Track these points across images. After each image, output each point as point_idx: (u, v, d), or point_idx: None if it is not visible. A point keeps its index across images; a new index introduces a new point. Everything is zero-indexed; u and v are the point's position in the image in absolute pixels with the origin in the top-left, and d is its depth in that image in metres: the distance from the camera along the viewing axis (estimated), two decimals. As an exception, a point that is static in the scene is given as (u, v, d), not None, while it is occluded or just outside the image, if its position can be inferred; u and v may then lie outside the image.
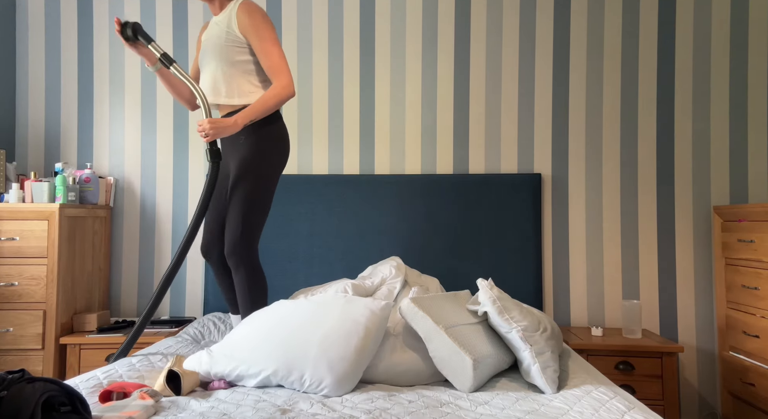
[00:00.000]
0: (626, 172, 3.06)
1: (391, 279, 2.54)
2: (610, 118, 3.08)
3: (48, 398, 1.36)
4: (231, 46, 2.19)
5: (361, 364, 1.87)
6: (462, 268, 2.98)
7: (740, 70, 3.03)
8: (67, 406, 1.40)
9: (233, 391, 1.82)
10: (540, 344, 1.94)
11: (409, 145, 3.14)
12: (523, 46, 3.12)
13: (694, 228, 3.02)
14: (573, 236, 3.07)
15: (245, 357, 1.87)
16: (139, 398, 1.64)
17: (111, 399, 1.68)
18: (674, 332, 3.01)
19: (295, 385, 1.83)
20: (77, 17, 3.27)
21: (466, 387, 1.87)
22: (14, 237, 2.71)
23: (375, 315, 1.97)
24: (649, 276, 3.03)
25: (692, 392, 2.98)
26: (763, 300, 2.55)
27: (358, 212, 3.03)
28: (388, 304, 2.03)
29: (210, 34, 2.26)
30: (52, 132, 3.26)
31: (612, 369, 2.65)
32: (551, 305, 3.06)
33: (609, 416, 1.58)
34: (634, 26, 3.08)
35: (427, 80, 3.14)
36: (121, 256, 3.20)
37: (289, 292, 3.02)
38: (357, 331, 1.90)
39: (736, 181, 3.01)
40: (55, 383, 1.40)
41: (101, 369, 2.03)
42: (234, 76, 2.21)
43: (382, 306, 2.01)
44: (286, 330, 1.91)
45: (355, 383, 1.85)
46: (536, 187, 2.99)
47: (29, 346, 2.70)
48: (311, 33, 3.20)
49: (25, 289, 2.71)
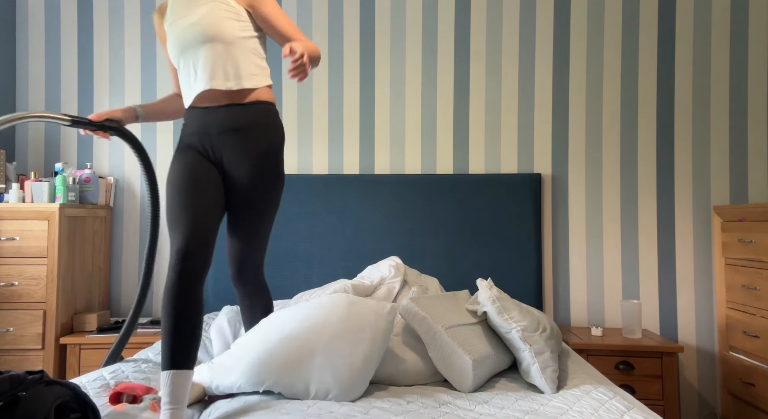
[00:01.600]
0: (626, 172, 3.06)
1: (391, 279, 2.54)
2: (610, 118, 3.08)
3: (60, 403, 1.36)
4: (230, 21, 1.81)
5: (369, 371, 1.80)
6: (462, 268, 2.98)
7: (740, 69, 3.03)
8: (77, 413, 1.40)
9: (230, 401, 1.79)
10: (539, 344, 1.94)
11: (409, 145, 3.14)
12: (523, 46, 3.12)
13: (694, 228, 3.02)
14: (573, 236, 3.07)
15: (246, 370, 1.79)
16: (150, 409, 1.63)
17: (120, 400, 1.67)
18: (674, 332, 3.01)
19: (300, 396, 1.75)
20: (77, 16, 3.27)
21: (466, 387, 1.87)
22: (14, 237, 2.71)
23: (381, 318, 1.89)
24: (649, 276, 3.02)
25: (692, 392, 2.98)
26: (763, 300, 2.55)
27: (358, 212, 3.03)
28: (394, 307, 1.95)
29: (188, 13, 1.83)
30: (52, 132, 3.26)
31: (612, 369, 2.65)
32: (551, 305, 3.06)
33: (608, 416, 1.58)
34: (634, 26, 3.07)
35: (427, 80, 3.14)
36: (121, 256, 3.20)
37: (290, 292, 3.02)
38: (363, 337, 1.82)
39: (736, 181, 3.01)
40: (70, 388, 1.41)
41: (107, 369, 2.03)
42: (238, 56, 1.82)
43: (388, 310, 1.93)
44: (289, 339, 1.83)
45: (362, 391, 1.78)
46: (536, 187, 2.99)
47: (29, 346, 2.70)
48: (311, 33, 3.20)
49: (25, 289, 2.71)
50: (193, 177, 1.76)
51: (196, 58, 1.81)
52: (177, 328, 1.56)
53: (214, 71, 1.79)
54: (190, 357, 1.57)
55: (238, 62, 1.81)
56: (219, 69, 1.80)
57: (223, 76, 1.80)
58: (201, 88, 1.79)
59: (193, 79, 1.82)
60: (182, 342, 1.56)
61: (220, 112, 1.81)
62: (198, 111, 1.84)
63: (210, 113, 1.82)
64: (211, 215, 1.73)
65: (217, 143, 1.82)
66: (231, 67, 1.81)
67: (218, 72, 1.80)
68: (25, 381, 1.34)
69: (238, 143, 1.81)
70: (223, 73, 1.80)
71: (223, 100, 1.82)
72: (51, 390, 1.36)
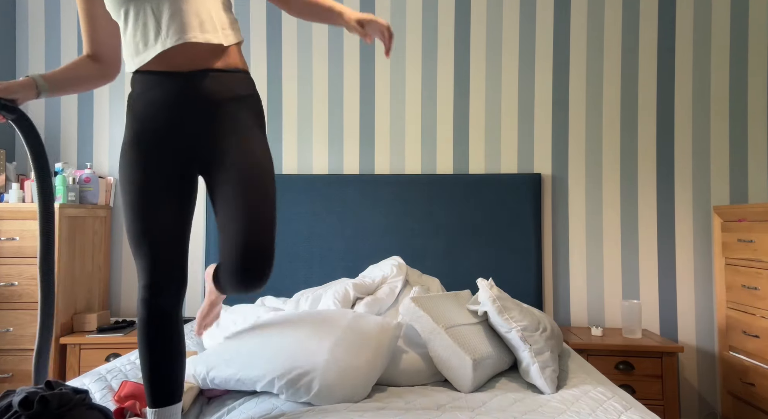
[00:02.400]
0: (626, 172, 3.06)
1: (393, 278, 2.54)
2: (610, 118, 3.08)
3: None
4: None
5: (372, 377, 1.80)
6: (461, 268, 2.98)
7: (740, 70, 3.03)
8: None
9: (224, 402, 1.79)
10: (539, 344, 1.94)
11: (409, 145, 3.14)
12: (523, 46, 3.12)
13: (694, 228, 3.02)
14: (573, 236, 3.07)
15: (247, 362, 1.77)
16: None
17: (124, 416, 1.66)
18: (674, 332, 3.00)
19: (301, 392, 1.70)
20: (77, 17, 3.27)
21: (466, 387, 1.87)
22: (14, 237, 2.71)
23: (386, 332, 1.91)
24: (649, 276, 3.02)
25: (692, 392, 2.98)
26: (763, 300, 2.55)
27: (358, 212, 3.03)
28: (400, 324, 1.97)
29: None
30: (52, 132, 3.26)
31: (612, 369, 2.65)
32: (551, 305, 3.06)
33: (605, 416, 1.58)
34: (634, 26, 3.07)
35: (427, 80, 3.14)
36: (121, 256, 3.21)
37: (290, 292, 3.01)
38: (368, 345, 1.84)
39: (736, 181, 3.01)
40: (106, 415, 1.41)
41: (106, 368, 2.03)
42: (215, 6, 1.48)
43: (395, 326, 1.95)
44: (292, 336, 1.84)
45: (365, 393, 1.77)
46: (536, 187, 2.99)
47: (29, 346, 2.70)
48: (311, 33, 3.20)
49: (25, 289, 2.71)
50: (152, 190, 1.43)
51: (157, 4, 1.40)
52: (155, 366, 1.42)
53: (206, 21, 1.43)
54: (175, 392, 1.44)
55: (210, 10, 1.45)
56: (213, 18, 1.45)
57: (198, 27, 1.42)
58: (171, 43, 1.40)
59: (153, 33, 1.41)
60: (163, 379, 1.42)
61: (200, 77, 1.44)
62: (161, 77, 1.44)
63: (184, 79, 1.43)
64: (179, 237, 1.46)
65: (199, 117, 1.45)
66: (207, 16, 1.44)
67: (215, 22, 1.45)
68: (71, 402, 1.33)
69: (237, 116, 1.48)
70: (199, 24, 1.42)
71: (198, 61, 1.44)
72: (92, 414, 1.36)
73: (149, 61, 1.43)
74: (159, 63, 1.43)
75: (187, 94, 1.43)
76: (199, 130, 1.46)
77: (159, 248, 1.42)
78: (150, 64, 1.43)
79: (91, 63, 1.60)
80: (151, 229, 1.42)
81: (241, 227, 1.40)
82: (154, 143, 1.45)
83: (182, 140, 1.45)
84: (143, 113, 1.45)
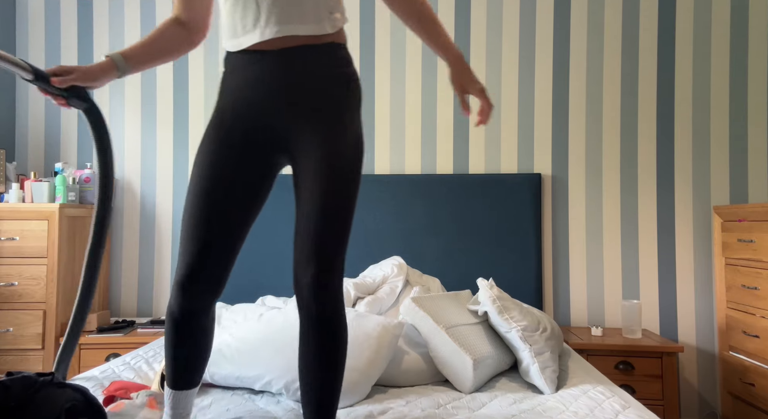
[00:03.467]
0: (626, 172, 3.06)
1: (393, 278, 2.54)
2: (610, 118, 3.08)
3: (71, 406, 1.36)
4: None
5: (372, 377, 1.80)
6: (461, 268, 2.98)
7: (740, 70, 3.03)
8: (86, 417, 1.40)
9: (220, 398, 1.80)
10: (539, 344, 1.94)
11: (409, 145, 3.14)
12: (523, 45, 3.12)
13: (694, 228, 3.02)
14: (573, 236, 3.07)
15: (247, 361, 1.79)
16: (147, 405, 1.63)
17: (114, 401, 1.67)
18: (674, 332, 3.00)
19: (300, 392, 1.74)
20: (77, 16, 3.28)
21: (466, 387, 1.87)
22: (14, 237, 2.71)
23: (388, 331, 1.91)
24: (649, 276, 3.02)
25: (692, 392, 2.98)
26: (763, 300, 2.55)
27: (358, 212, 3.03)
28: (401, 323, 1.97)
29: None
30: (52, 132, 3.26)
31: (612, 369, 2.65)
32: (551, 305, 3.06)
33: (603, 415, 1.58)
34: (634, 26, 3.07)
35: (427, 80, 3.14)
36: (121, 256, 3.21)
37: (290, 292, 3.01)
38: (369, 344, 1.84)
39: (736, 181, 3.01)
40: (80, 392, 1.40)
41: (98, 369, 2.03)
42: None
43: (395, 325, 1.95)
44: (293, 335, 1.84)
45: (365, 393, 1.78)
46: (536, 187, 2.99)
47: (29, 346, 2.70)
48: (311, 33, 3.19)
49: (25, 289, 2.71)
50: (218, 181, 1.34)
51: None
52: (178, 356, 1.38)
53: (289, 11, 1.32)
54: (194, 380, 1.41)
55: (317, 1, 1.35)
56: (295, 7, 1.33)
57: (299, 18, 1.33)
58: (270, 35, 1.32)
59: (252, 17, 1.33)
60: (184, 368, 1.39)
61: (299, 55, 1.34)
62: (256, 56, 1.35)
63: (280, 56, 1.34)
64: (230, 235, 1.35)
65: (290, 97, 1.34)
66: (312, 6, 1.33)
67: (294, 12, 1.33)
68: (36, 383, 1.33)
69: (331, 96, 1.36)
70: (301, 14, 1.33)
71: (298, 42, 1.35)
72: (63, 392, 1.36)
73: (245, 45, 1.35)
74: (255, 44, 1.35)
75: (280, 75, 1.34)
76: (288, 110, 1.35)
77: (206, 242, 1.32)
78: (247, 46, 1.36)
79: (177, 29, 1.50)
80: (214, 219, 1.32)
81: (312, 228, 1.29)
82: (239, 124, 1.35)
83: (269, 121, 1.36)
84: (233, 93, 1.37)
